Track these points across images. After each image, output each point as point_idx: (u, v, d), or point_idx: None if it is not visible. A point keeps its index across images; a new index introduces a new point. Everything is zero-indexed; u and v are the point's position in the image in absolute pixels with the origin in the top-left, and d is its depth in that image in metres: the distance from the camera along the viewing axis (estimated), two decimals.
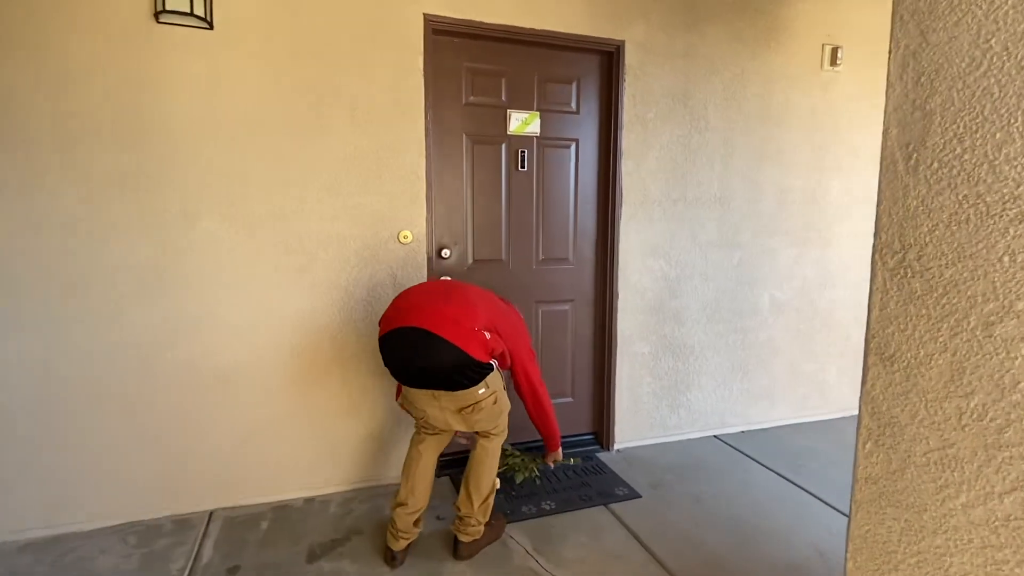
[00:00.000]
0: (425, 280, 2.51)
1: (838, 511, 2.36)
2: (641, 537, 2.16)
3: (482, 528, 2.05)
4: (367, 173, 2.37)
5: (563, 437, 2.74)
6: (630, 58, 2.74)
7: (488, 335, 1.87)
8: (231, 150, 2.19)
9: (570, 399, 2.95)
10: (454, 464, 2.60)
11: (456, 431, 2.03)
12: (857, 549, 1.21)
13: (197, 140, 2.15)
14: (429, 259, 2.52)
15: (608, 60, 2.77)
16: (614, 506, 2.39)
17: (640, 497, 2.46)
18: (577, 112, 2.77)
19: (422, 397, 1.91)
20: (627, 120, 2.77)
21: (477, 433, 2.04)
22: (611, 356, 2.89)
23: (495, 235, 2.70)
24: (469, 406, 1.89)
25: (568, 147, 2.78)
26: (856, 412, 3.50)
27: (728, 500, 2.44)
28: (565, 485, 2.53)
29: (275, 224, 2.27)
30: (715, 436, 3.16)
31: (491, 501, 2.07)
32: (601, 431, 2.97)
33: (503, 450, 2.41)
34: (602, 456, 2.88)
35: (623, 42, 2.71)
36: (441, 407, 1.91)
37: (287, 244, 2.30)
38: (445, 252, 2.61)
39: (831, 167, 3.24)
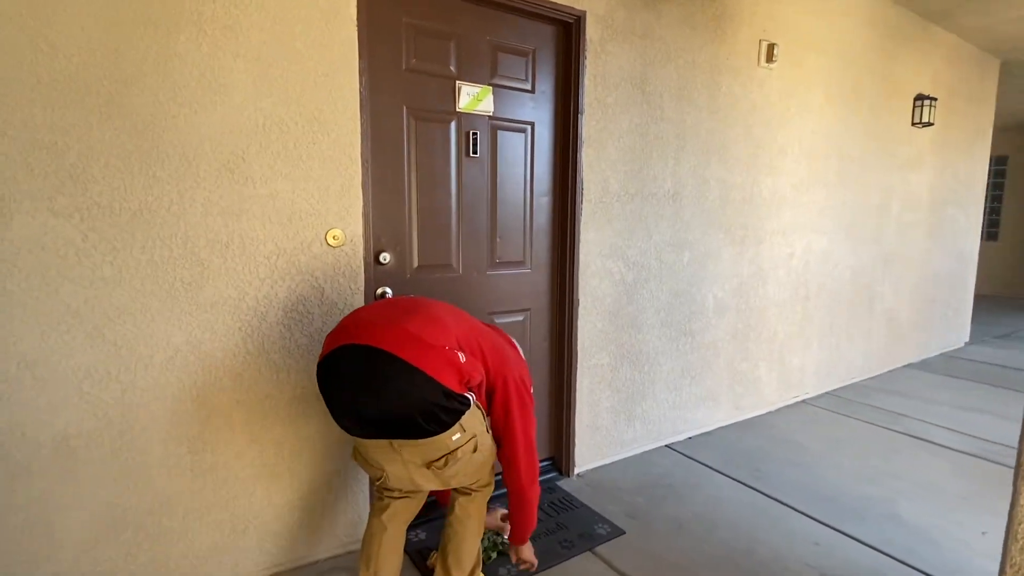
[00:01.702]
0: (363, 290, 1.94)
1: (812, 519, 2.28)
2: None
3: None
4: (283, 152, 1.75)
5: None
6: (591, 32, 2.40)
7: (463, 356, 1.41)
8: (63, 106, 1.45)
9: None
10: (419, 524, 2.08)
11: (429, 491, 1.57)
12: None
13: None
14: (367, 265, 1.96)
15: (567, 32, 2.40)
16: (600, 550, 2.07)
17: (624, 533, 2.17)
18: (532, 91, 2.37)
19: (378, 450, 1.44)
20: (588, 103, 2.43)
21: (455, 489, 1.63)
22: (571, 371, 2.55)
23: (443, 234, 2.21)
24: (440, 458, 1.42)
25: (523, 131, 2.37)
26: (782, 405, 3.61)
27: (709, 524, 2.24)
28: (539, 531, 2.15)
29: (145, 220, 1.56)
30: (667, 446, 2.99)
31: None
32: (560, 455, 2.64)
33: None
34: (563, 484, 2.55)
35: (584, 13, 2.36)
36: (404, 462, 1.44)
37: (167, 249, 1.60)
38: (383, 256, 2.06)
39: (764, 165, 3.22)
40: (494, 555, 1.97)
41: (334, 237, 1.86)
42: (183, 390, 1.67)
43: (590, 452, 2.67)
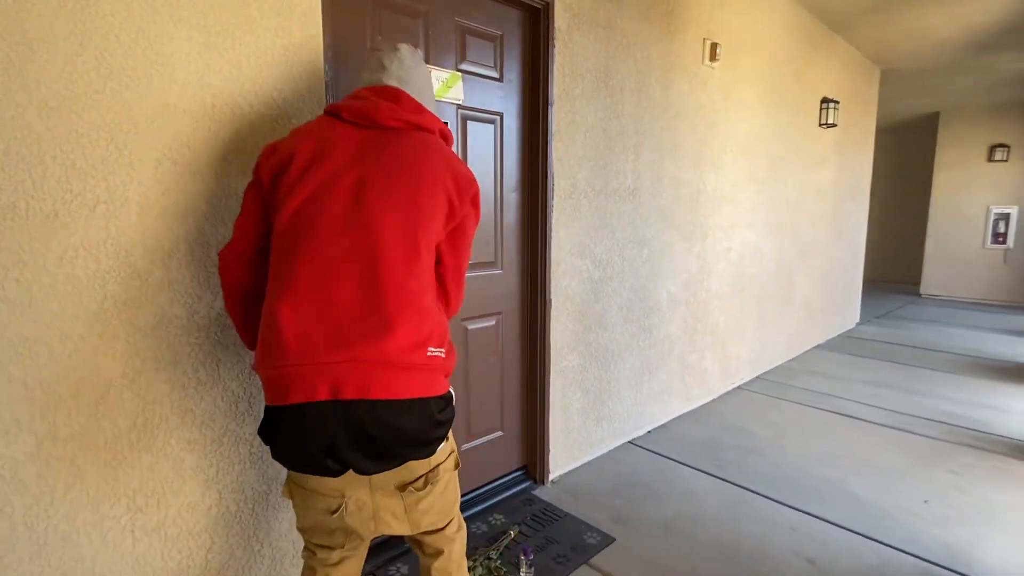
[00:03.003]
0: None
1: (782, 504, 2.36)
2: None
3: None
4: (236, 139, 1.46)
5: (491, 481, 2.24)
6: (559, 20, 2.29)
7: (438, 345, 1.09)
8: None
9: (500, 433, 2.42)
10: (397, 556, 1.86)
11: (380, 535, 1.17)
12: None
13: None
14: None
15: (534, 18, 2.27)
16: (596, 561, 1.99)
17: (614, 540, 2.10)
18: (500, 79, 2.22)
19: (343, 477, 1.10)
20: (557, 95, 2.32)
21: (423, 536, 1.24)
22: (544, 376, 2.45)
23: None
24: (419, 478, 1.14)
25: (492, 122, 2.21)
26: (723, 392, 3.76)
27: (692, 521, 2.24)
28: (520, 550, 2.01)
29: (63, 224, 1.22)
30: (630, 442, 2.99)
31: None
32: (533, 463, 2.52)
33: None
34: (540, 494, 2.44)
35: None
36: (372, 487, 1.12)
37: (93, 261, 1.26)
38: None
39: (707, 163, 3.31)
40: None
41: None
42: (118, 435, 1.34)
43: (562, 457, 2.59)
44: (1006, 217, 7.23)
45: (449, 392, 1.12)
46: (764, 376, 4.18)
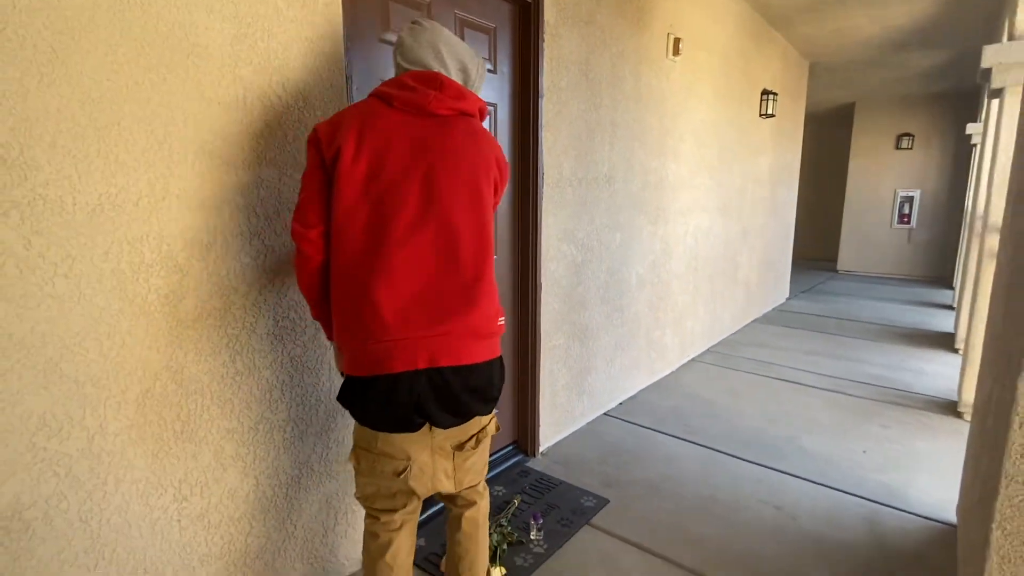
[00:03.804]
0: None
1: (747, 461, 2.65)
2: (647, 546, 2.02)
3: None
4: (266, 131, 1.47)
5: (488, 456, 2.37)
6: (548, 14, 2.38)
7: (499, 319, 1.28)
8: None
9: (495, 411, 2.54)
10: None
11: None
12: (1007, 518, 1.30)
13: None
14: None
15: (524, 12, 2.35)
16: (596, 521, 2.17)
17: (608, 502, 2.30)
18: (495, 71, 2.29)
19: (408, 439, 1.24)
20: (546, 87, 2.43)
21: (457, 497, 1.41)
22: (535, 355, 2.59)
23: None
24: (471, 438, 1.32)
25: (488, 114, 2.28)
26: (680, 365, 4.05)
27: (676, 481, 2.48)
28: (530, 516, 2.17)
29: (108, 218, 1.22)
30: (606, 414, 3.20)
31: None
32: (524, 437, 2.67)
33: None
34: (533, 465, 2.60)
35: None
36: (434, 447, 1.27)
37: (137, 255, 1.27)
38: None
39: (670, 151, 3.53)
40: (506, 547, 1.95)
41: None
42: (164, 427, 1.35)
43: (550, 430, 2.75)
44: (910, 200, 8.07)
45: (501, 355, 1.30)
46: (714, 349, 4.54)
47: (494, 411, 1.39)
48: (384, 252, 1.15)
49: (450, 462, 1.30)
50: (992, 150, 3.05)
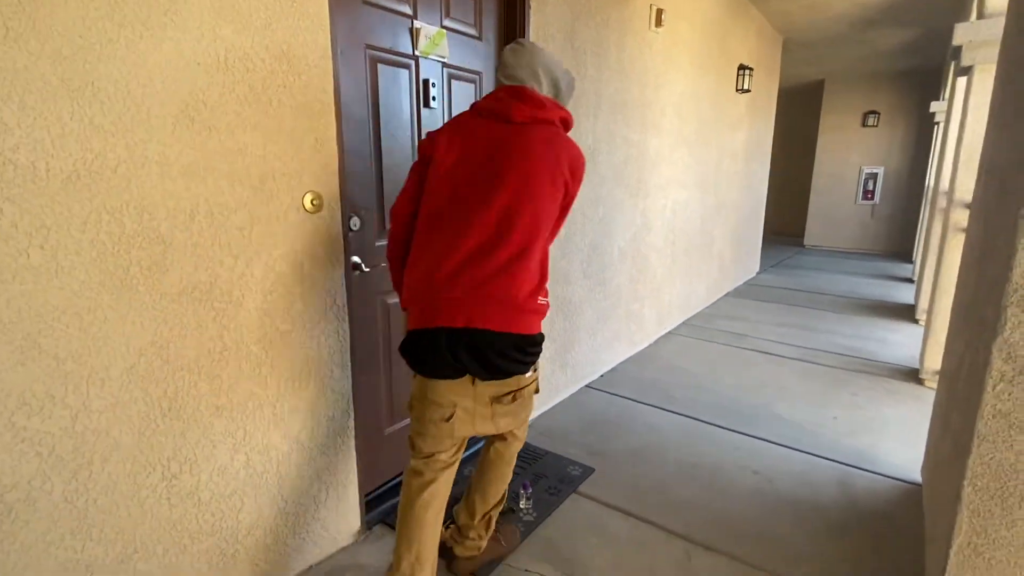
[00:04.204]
0: (342, 261, 1.70)
1: (726, 429, 2.73)
2: (633, 511, 2.07)
3: (483, 543, 1.76)
4: (251, 95, 1.40)
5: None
6: None
7: (543, 298, 1.44)
8: None
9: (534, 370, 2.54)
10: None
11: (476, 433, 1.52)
12: (977, 475, 1.38)
13: None
14: (345, 234, 1.71)
15: None
16: (583, 489, 2.22)
17: (594, 470, 2.35)
18: (480, 38, 2.23)
19: (453, 388, 1.44)
20: None
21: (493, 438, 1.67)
22: None
23: None
24: (509, 394, 1.48)
25: (473, 81, 2.24)
26: (658, 337, 4.13)
27: (658, 448, 2.54)
28: (519, 485, 2.20)
29: (85, 186, 1.15)
30: (587, 386, 3.25)
31: (495, 515, 1.76)
32: None
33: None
34: None
35: None
36: (475, 396, 1.45)
37: (117, 225, 1.20)
38: (353, 222, 1.82)
39: (651, 125, 3.53)
40: (498, 517, 1.97)
41: (312, 201, 1.57)
42: (151, 405, 1.31)
43: (536, 402, 2.77)
44: (875, 176, 8.31)
45: (542, 333, 1.46)
46: (689, 322, 4.63)
47: (533, 371, 1.51)
48: (449, 229, 1.37)
49: (488, 409, 1.46)
50: (959, 127, 3.14)
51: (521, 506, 2.07)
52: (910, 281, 6.48)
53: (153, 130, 1.23)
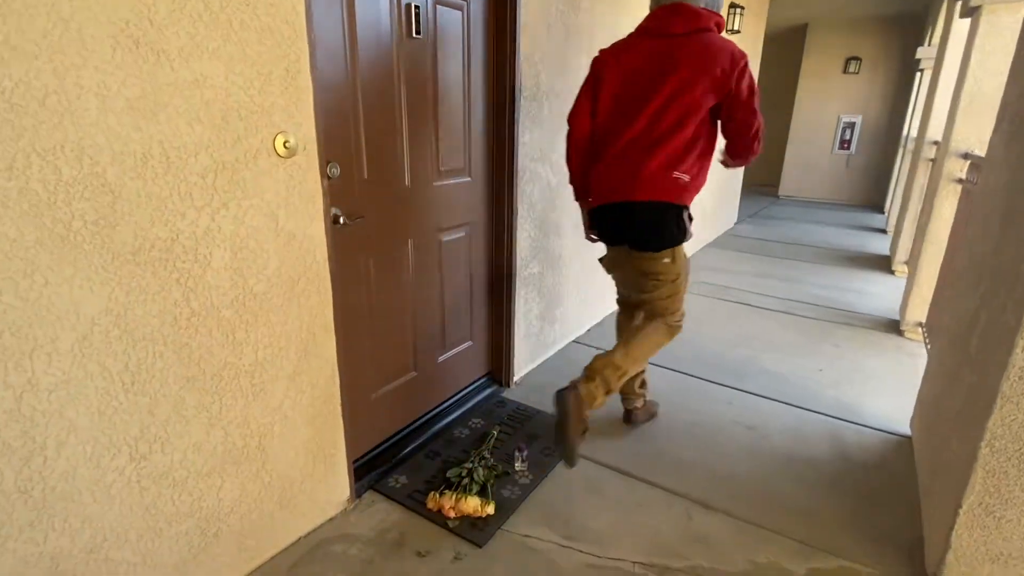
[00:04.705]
0: (322, 213, 1.52)
1: (716, 383, 2.71)
2: (630, 471, 2.04)
3: (642, 400, 2.27)
4: (207, 15, 1.18)
5: (463, 388, 2.37)
6: None
7: (687, 170, 1.76)
8: None
9: (469, 343, 2.44)
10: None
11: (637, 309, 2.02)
12: (996, 436, 1.35)
13: None
14: (323, 182, 1.52)
15: None
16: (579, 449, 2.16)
17: (588, 428, 2.28)
18: None
19: (618, 257, 1.98)
20: None
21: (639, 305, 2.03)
22: (511, 284, 2.47)
23: (390, 138, 1.82)
24: (650, 274, 1.87)
25: (460, 8, 2.00)
26: None
27: None
28: (518, 445, 2.13)
29: (6, 120, 0.94)
30: (575, 341, 3.18)
31: (626, 375, 1.93)
32: (500, 367, 2.60)
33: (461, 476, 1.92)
34: (508, 395, 2.55)
35: None
36: (632, 267, 1.92)
37: (52, 170, 1.00)
38: (331, 169, 1.62)
39: None
40: (493, 481, 1.91)
41: (284, 144, 1.37)
42: (110, 380, 1.14)
43: (523, 360, 2.69)
44: (852, 125, 8.27)
45: (687, 207, 1.81)
46: None
47: (679, 270, 1.87)
48: (614, 128, 1.78)
49: (639, 281, 1.92)
50: (960, 73, 3.04)
51: (517, 468, 2.00)
52: (883, 232, 6.56)
53: (88, 53, 1.01)
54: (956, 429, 1.57)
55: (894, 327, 3.48)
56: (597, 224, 1.90)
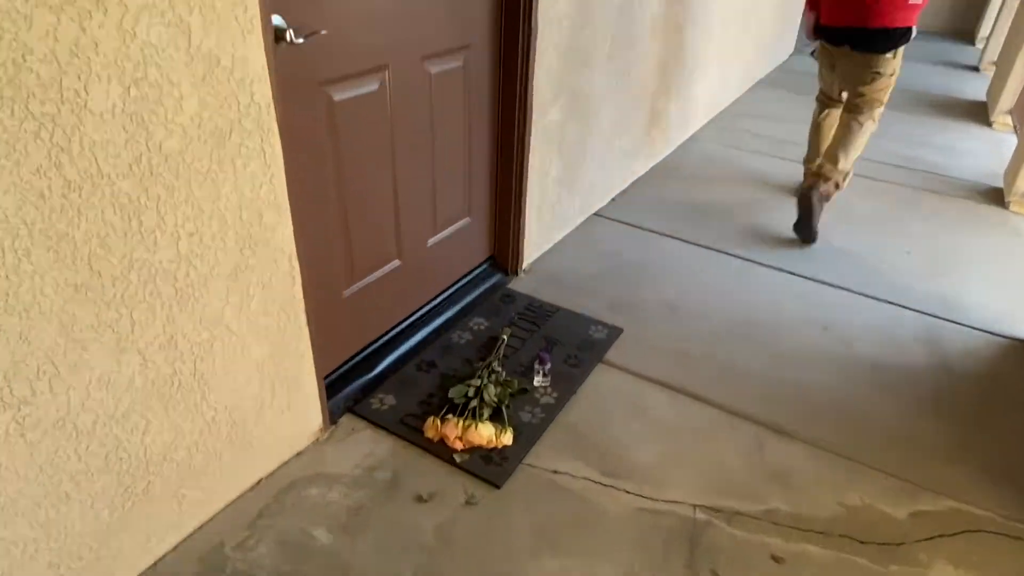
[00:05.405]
0: None
1: (780, 270, 2.54)
2: (679, 385, 1.92)
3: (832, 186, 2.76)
4: None
5: (459, 279, 2.27)
6: None
7: None
8: None
9: (467, 220, 2.18)
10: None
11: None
12: None
13: None
14: None
15: None
16: (611, 357, 2.03)
17: (622, 331, 2.14)
18: None
19: (840, 55, 2.65)
20: None
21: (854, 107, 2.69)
22: (524, 136, 2.14)
23: None
24: (872, 70, 2.55)
25: None
26: (677, 146, 3.74)
27: (698, 299, 2.35)
28: (531, 356, 1.95)
29: None
30: (596, 214, 2.93)
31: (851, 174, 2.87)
32: (504, 250, 2.36)
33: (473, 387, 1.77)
34: (515, 286, 2.36)
35: None
36: (853, 63, 2.60)
37: None
38: None
39: None
40: (508, 402, 1.76)
41: None
42: None
43: (537, 239, 2.46)
44: None
45: (911, 27, 2.45)
46: (714, 121, 4.23)
47: (894, 68, 2.54)
48: None
49: (858, 74, 2.59)
50: None
51: (536, 384, 1.85)
52: (974, 70, 6.14)
53: None
54: None
55: (997, 197, 3.29)
56: (824, 32, 2.61)
